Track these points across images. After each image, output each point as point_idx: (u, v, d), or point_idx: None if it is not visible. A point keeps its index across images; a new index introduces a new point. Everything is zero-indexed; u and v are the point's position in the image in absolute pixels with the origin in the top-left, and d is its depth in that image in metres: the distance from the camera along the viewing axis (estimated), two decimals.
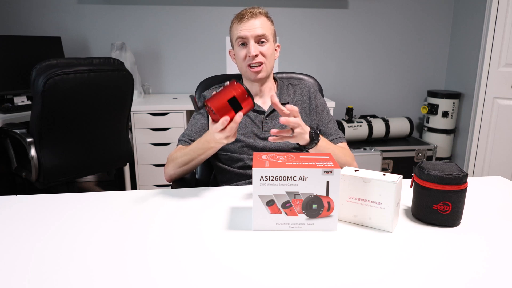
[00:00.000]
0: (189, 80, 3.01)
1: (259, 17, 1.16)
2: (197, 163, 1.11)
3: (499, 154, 2.82)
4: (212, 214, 0.86)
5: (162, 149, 2.50)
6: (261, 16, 1.17)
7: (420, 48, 3.17)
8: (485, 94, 2.78)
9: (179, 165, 1.12)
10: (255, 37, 1.15)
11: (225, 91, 0.88)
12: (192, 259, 0.66)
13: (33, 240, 0.73)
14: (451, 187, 0.76)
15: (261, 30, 1.15)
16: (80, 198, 0.94)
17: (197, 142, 1.08)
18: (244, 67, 1.19)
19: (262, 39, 1.16)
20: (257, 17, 1.16)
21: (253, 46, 1.14)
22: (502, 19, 2.63)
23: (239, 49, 1.18)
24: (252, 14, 1.15)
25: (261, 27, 1.15)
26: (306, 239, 0.74)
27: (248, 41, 1.15)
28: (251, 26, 1.14)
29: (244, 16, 1.15)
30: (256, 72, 1.17)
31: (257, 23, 1.15)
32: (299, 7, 2.97)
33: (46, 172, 1.86)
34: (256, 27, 1.14)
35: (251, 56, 1.15)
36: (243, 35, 1.15)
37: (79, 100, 1.84)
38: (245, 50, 1.16)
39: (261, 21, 1.16)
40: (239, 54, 1.18)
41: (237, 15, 1.18)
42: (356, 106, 3.22)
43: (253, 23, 1.15)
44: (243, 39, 1.16)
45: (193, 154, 1.08)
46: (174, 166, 1.13)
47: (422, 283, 0.60)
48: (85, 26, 2.81)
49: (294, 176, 0.74)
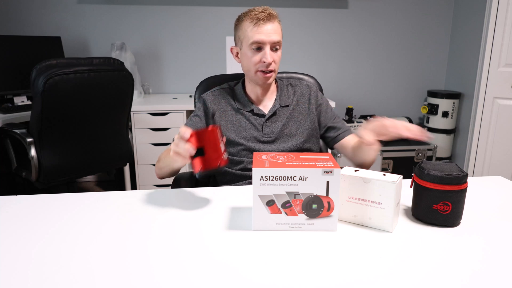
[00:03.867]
0: (189, 80, 3.01)
1: (274, 21, 1.13)
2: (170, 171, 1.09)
3: (499, 154, 2.82)
4: (212, 214, 0.86)
5: (162, 149, 2.50)
6: (275, 20, 1.14)
7: (420, 48, 3.17)
8: (485, 94, 2.78)
9: (159, 167, 1.13)
10: (272, 43, 1.13)
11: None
12: (192, 259, 0.66)
13: (33, 240, 0.73)
14: (451, 187, 0.76)
15: (277, 37, 1.13)
16: (80, 198, 0.94)
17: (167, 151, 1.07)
18: (253, 70, 1.16)
19: (277, 46, 1.14)
20: (273, 21, 1.13)
21: (269, 54, 1.12)
22: (502, 19, 2.63)
23: (251, 53, 1.14)
24: (269, 17, 1.12)
25: (276, 33, 1.13)
26: (306, 239, 0.74)
27: (264, 47, 1.12)
28: (269, 31, 1.11)
29: (260, 18, 1.11)
30: (267, 78, 1.16)
31: (273, 28, 1.12)
32: (299, 7, 2.97)
33: (46, 172, 1.86)
34: (273, 32, 1.12)
35: (266, 63, 1.13)
36: (260, 40, 1.11)
37: (79, 100, 1.84)
38: (259, 55, 1.13)
39: (276, 25, 1.14)
40: (252, 58, 1.14)
41: (251, 15, 1.13)
42: (356, 106, 3.22)
43: (271, 28, 1.12)
44: (259, 44, 1.13)
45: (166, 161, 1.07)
46: (157, 167, 1.14)
47: (422, 283, 0.60)
48: (85, 26, 2.81)
49: (294, 176, 0.74)
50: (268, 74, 1.15)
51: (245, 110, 1.22)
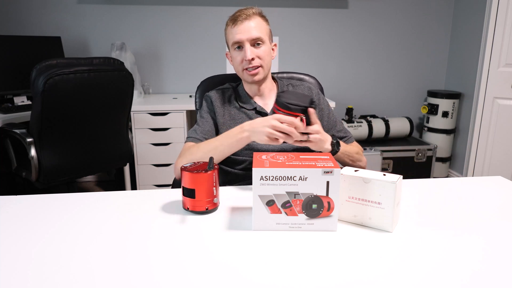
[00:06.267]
0: (189, 80, 3.01)
1: (253, 18, 1.13)
2: (218, 157, 1.03)
3: (499, 154, 2.82)
4: (212, 214, 0.86)
5: (162, 149, 2.50)
6: (255, 17, 1.14)
7: (420, 48, 3.17)
8: (485, 94, 2.78)
9: (196, 159, 1.02)
10: (251, 40, 1.13)
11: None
12: (192, 259, 0.66)
13: (33, 240, 0.73)
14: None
15: (256, 33, 1.13)
16: (80, 198, 0.94)
17: (225, 135, 1.04)
18: (240, 70, 1.18)
19: (258, 42, 1.14)
20: (251, 19, 1.13)
21: (249, 50, 1.12)
22: (502, 19, 2.63)
23: (235, 53, 1.16)
24: (246, 16, 1.12)
25: (256, 29, 1.13)
26: (306, 239, 0.74)
27: (244, 44, 1.13)
28: (245, 29, 1.12)
29: (237, 18, 1.13)
30: (253, 75, 1.16)
31: (251, 25, 1.12)
32: (298, 7, 2.97)
33: (46, 172, 1.86)
34: (251, 29, 1.12)
35: (247, 60, 1.13)
36: (237, 39, 1.13)
37: (79, 100, 1.84)
38: (241, 54, 1.15)
39: (255, 22, 1.13)
40: (236, 58, 1.16)
41: (230, 18, 1.16)
42: (356, 106, 3.22)
43: (247, 25, 1.12)
44: (238, 43, 1.14)
45: (220, 143, 1.03)
46: (191, 160, 1.02)
47: (422, 283, 0.60)
48: (85, 26, 2.81)
49: (294, 176, 0.74)
50: (253, 71, 1.15)
51: (248, 108, 1.22)
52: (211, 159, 0.85)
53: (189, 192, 0.83)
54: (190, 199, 0.84)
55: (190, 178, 0.82)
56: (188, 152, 1.08)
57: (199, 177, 0.82)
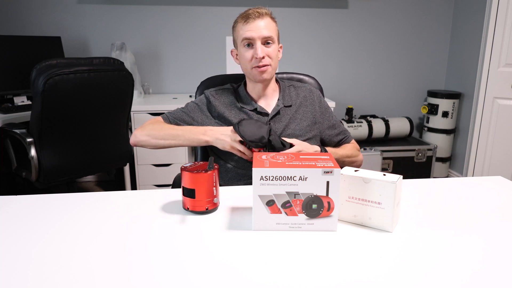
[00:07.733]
0: (189, 80, 3.01)
1: (264, 18, 1.15)
2: (173, 144, 1.16)
3: (499, 154, 2.82)
4: (212, 214, 0.86)
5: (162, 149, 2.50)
6: (266, 17, 1.15)
7: (420, 48, 3.17)
8: (485, 94, 2.78)
9: (154, 136, 1.16)
10: (262, 38, 1.14)
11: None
12: (192, 259, 0.66)
13: (33, 240, 0.73)
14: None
15: (268, 32, 1.14)
16: (80, 198, 0.94)
17: (189, 128, 1.16)
18: (249, 68, 1.18)
19: (268, 41, 1.15)
20: (263, 18, 1.14)
21: (259, 48, 1.13)
22: (502, 19, 2.63)
23: (244, 50, 1.16)
24: (259, 14, 1.14)
25: (267, 29, 1.14)
26: (306, 239, 0.74)
27: (255, 42, 1.14)
28: (257, 27, 1.13)
29: (250, 16, 1.14)
30: (262, 72, 1.16)
31: (263, 24, 1.14)
32: (299, 7, 2.97)
33: (46, 172, 1.86)
34: (263, 28, 1.13)
35: (258, 58, 1.14)
36: (249, 36, 1.13)
37: (79, 100, 1.84)
38: (251, 51, 1.15)
39: (266, 22, 1.15)
40: (245, 55, 1.16)
41: (242, 15, 1.16)
42: (356, 106, 3.22)
43: (259, 24, 1.13)
44: (249, 40, 1.14)
45: (182, 134, 1.14)
46: (149, 135, 1.16)
47: (422, 283, 0.60)
48: (85, 26, 2.81)
49: (294, 176, 0.74)
50: (262, 68, 1.16)
51: (249, 108, 1.22)
52: (211, 159, 0.85)
53: (189, 192, 0.83)
54: (190, 199, 0.84)
55: (190, 178, 0.82)
56: (151, 126, 1.19)
57: (199, 177, 0.82)
